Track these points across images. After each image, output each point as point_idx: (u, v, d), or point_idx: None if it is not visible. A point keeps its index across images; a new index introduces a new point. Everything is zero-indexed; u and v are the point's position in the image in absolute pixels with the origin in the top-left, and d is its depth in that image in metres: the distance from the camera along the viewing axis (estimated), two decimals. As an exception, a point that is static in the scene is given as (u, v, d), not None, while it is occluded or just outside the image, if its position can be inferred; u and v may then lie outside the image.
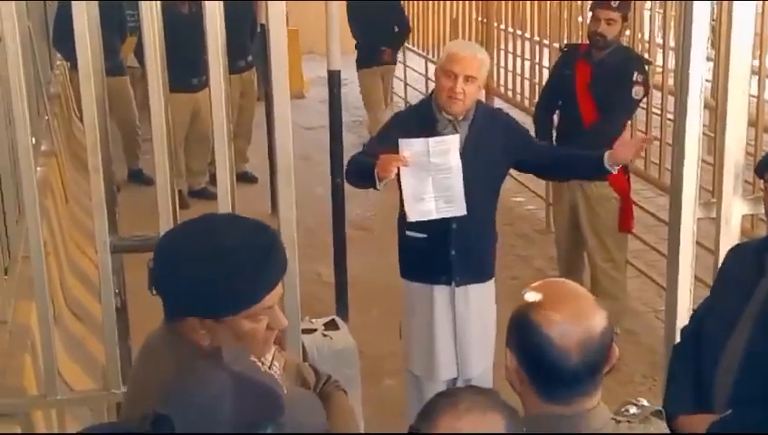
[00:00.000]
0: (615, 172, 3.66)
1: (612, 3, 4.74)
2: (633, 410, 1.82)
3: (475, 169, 3.55)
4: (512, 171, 3.92)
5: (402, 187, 3.52)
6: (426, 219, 3.53)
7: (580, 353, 1.67)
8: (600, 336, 1.69)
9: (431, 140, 3.49)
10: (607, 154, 3.54)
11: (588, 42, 4.96)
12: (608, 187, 4.82)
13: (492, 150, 3.63)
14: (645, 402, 1.86)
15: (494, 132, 3.67)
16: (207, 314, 1.76)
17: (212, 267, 1.73)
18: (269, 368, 1.97)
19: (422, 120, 3.64)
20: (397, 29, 8.56)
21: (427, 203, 3.52)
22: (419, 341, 3.79)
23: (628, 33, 6.02)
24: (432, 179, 3.49)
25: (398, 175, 3.51)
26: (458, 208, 3.53)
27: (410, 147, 3.47)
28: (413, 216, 3.53)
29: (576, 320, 1.68)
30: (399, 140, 3.48)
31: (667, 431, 1.91)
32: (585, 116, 4.82)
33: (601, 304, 1.75)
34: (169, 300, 1.80)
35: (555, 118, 5.14)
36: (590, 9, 4.99)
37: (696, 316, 2.68)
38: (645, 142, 3.80)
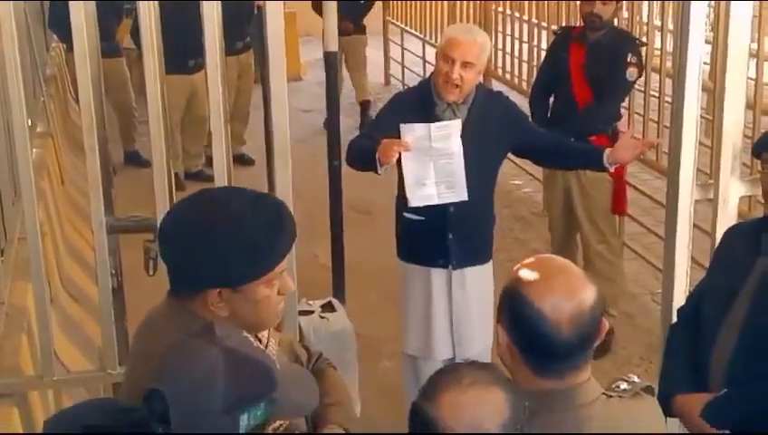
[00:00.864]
0: (612, 170, 3.65)
1: None
2: (624, 385, 1.83)
3: (473, 152, 3.53)
4: (510, 155, 3.91)
5: (403, 172, 3.50)
6: (427, 204, 3.53)
7: (572, 327, 1.69)
8: (590, 310, 1.71)
9: (433, 125, 3.47)
10: (607, 152, 3.52)
11: (582, 24, 4.95)
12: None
13: (490, 134, 3.61)
14: (635, 379, 1.87)
15: (494, 116, 3.65)
16: (229, 283, 1.76)
17: (230, 236, 1.74)
18: (266, 345, 1.98)
19: (421, 102, 3.62)
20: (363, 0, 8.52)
21: (429, 188, 3.50)
22: (416, 322, 3.80)
23: (626, 15, 6.02)
24: (434, 165, 3.47)
25: (399, 159, 3.49)
26: (460, 194, 3.52)
27: (412, 132, 3.45)
28: (414, 201, 3.52)
29: (567, 294, 1.70)
30: (401, 125, 3.46)
31: (658, 407, 1.92)
32: (579, 98, 4.81)
33: (591, 279, 1.76)
34: (185, 276, 1.79)
35: (551, 100, 5.11)
36: None
37: (693, 297, 2.69)
38: (646, 146, 3.77)
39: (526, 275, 1.74)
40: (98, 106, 2.79)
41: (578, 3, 5.17)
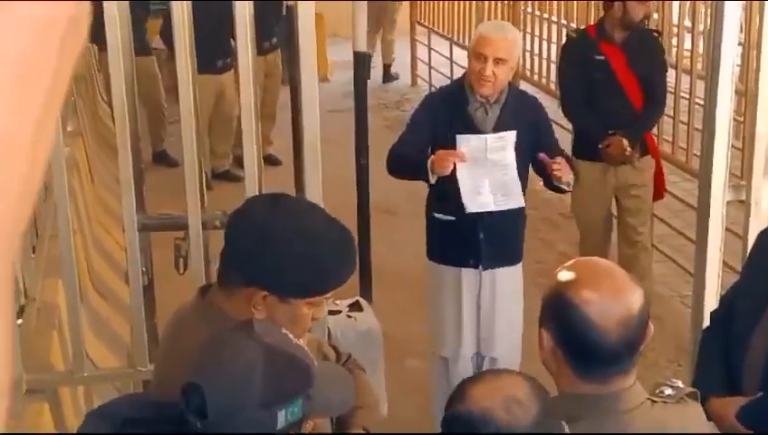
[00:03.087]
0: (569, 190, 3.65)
1: None
2: (668, 391, 1.80)
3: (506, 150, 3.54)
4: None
5: (459, 179, 3.48)
6: (483, 210, 3.52)
7: (620, 332, 1.66)
8: (638, 314, 1.68)
9: (489, 136, 3.49)
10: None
11: (594, 24, 4.94)
12: (650, 159, 4.85)
13: (521, 135, 3.61)
14: (680, 384, 1.85)
15: (525, 115, 3.65)
16: (282, 291, 1.79)
17: (304, 250, 1.78)
18: None
19: (454, 101, 3.63)
20: None
21: (485, 196, 3.51)
22: (445, 322, 3.80)
23: (656, 16, 5.98)
24: (489, 176, 3.49)
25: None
26: (516, 201, 3.54)
27: (468, 143, 3.47)
28: (471, 207, 3.51)
29: (615, 298, 1.67)
30: (457, 136, 3.48)
31: (703, 413, 1.91)
32: (635, 99, 4.76)
33: (637, 281, 1.75)
34: (244, 268, 1.81)
35: None
36: None
37: (726, 299, 2.66)
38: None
39: (571, 278, 1.71)
40: (130, 104, 2.80)
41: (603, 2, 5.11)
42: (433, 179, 3.49)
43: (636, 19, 4.68)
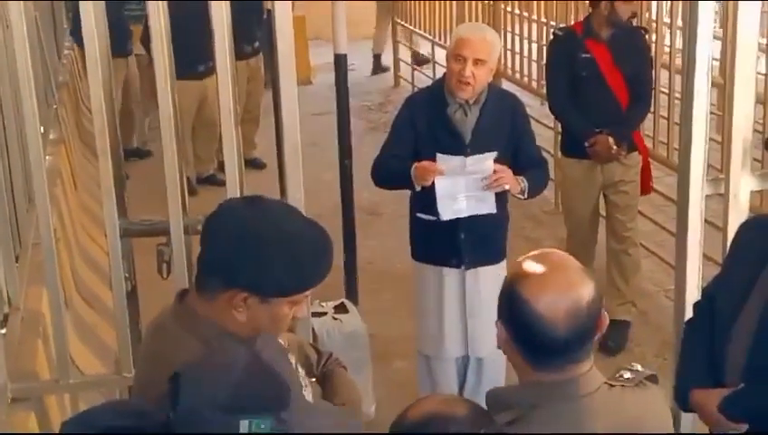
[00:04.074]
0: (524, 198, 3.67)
1: None
2: (627, 374, 1.83)
3: (484, 151, 3.55)
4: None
5: (435, 187, 3.51)
6: (456, 217, 3.56)
7: (569, 324, 1.69)
8: (587, 306, 1.71)
9: (468, 159, 3.51)
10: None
11: (580, 22, 4.97)
12: (638, 155, 4.88)
13: (502, 133, 3.64)
14: (638, 368, 1.87)
15: (504, 115, 3.67)
16: (263, 292, 1.80)
17: (283, 250, 1.79)
18: None
19: (433, 103, 3.65)
20: None
21: (460, 202, 3.54)
22: (429, 321, 3.82)
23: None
24: (465, 182, 3.52)
25: None
26: (489, 207, 3.56)
27: (447, 162, 3.49)
28: (446, 214, 3.55)
29: (563, 291, 1.70)
30: (438, 155, 3.50)
31: (662, 397, 1.91)
32: (620, 97, 4.77)
33: (589, 274, 1.76)
34: (223, 271, 1.81)
35: None
36: None
37: (708, 291, 2.68)
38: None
39: (523, 271, 1.75)
40: (109, 110, 2.80)
41: (587, 2, 5.14)
42: (418, 188, 3.54)
43: (623, 18, 4.71)
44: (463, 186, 3.51)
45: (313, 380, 2.14)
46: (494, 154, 3.52)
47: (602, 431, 1.74)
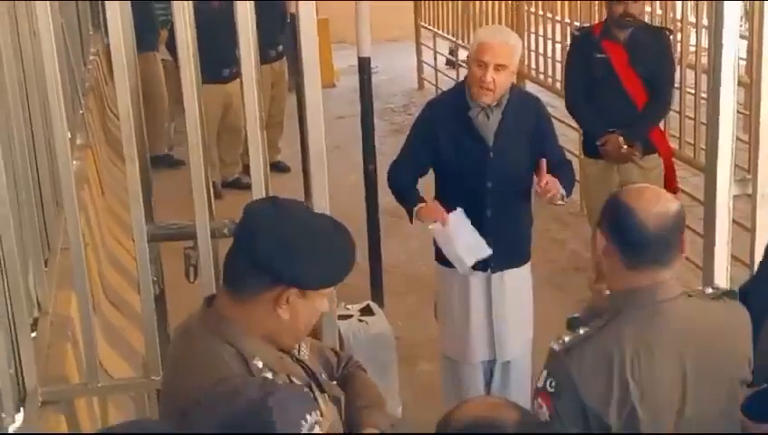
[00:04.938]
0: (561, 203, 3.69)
1: None
2: (708, 290, 2.13)
3: (507, 154, 3.56)
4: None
5: (435, 235, 3.63)
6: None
7: (657, 224, 2.05)
8: (673, 214, 2.08)
9: (473, 235, 3.58)
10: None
11: (600, 22, 4.95)
12: (657, 157, 4.84)
13: (524, 136, 3.62)
14: (720, 285, 2.23)
15: (527, 118, 3.65)
16: (308, 284, 1.88)
17: (318, 243, 1.88)
18: (298, 350, 2.02)
19: (454, 107, 3.64)
20: None
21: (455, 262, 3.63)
22: (455, 325, 3.80)
23: (659, 11, 5.98)
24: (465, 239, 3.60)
25: (438, 184, 3.72)
26: (483, 251, 3.62)
27: (457, 219, 3.56)
28: (466, 263, 3.63)
29: (655, 199, 2.10)
30: (458, 209, 3.56)
31: (742, 311, 2.20)
32: (636, 97, 4.77)
33: (677, 200, 2.18)
34: (267, 271, 1.85)
35: None
36: None
37: (742, 291, 2.66)
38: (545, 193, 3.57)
39: (625, 189, 2.20)
40: (136, 116, 2.83)
41: (605, 2, 5.14)
42: (413, 221, 3.64)
43: (638, 16, 4.71)
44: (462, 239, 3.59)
45: (334, 383, 2.15)
46: (489, 251, 3.59)
47: (680, 334, 2.05)
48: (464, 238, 3.56)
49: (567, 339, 2.05)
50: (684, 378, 2.06)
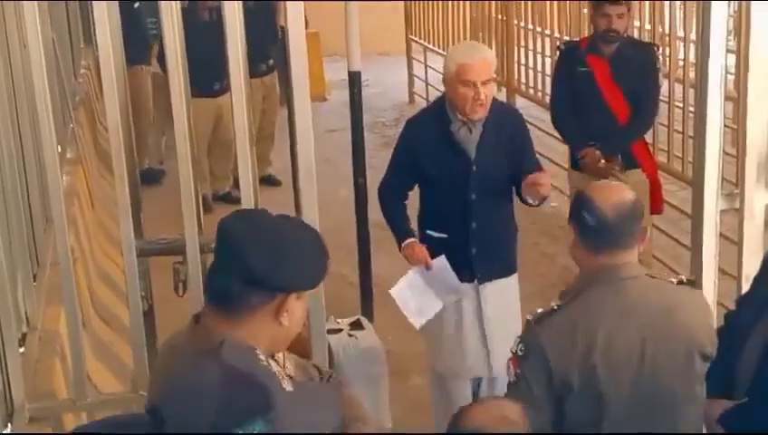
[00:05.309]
0: (536, 204, 3.70)
1: None
2: (672, 278, 2.43)
3: (490, 166, 3.61)
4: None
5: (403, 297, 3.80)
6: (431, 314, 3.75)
7: (615, 212, 2.31)
8: (629, 204, 2.34)
9: (455, 286, 3.70)
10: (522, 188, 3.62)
11: (587, 37, 4.99)
12: (640, 173, 4.85)
13: (504, 147, 3.68)
14: (683, 276, 2.41)
15: (507, 129, 3.71)
16: (305, 286, 1.91)
17: (301, 242, 1.91)
18: (283, 365, 2.01)
19: (436, 121, 3.68)
20: None
21: (429, 309, 3.76)
22: (446, 340, 3.81)
23: (648, 26, 6.02)
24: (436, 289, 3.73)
25: (423, 189, 3.79)
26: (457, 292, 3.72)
27: (443, 266, 3.69)
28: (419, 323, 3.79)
29: (613, 191, 2.38)
30: (443, 259, 3.66)
31: (702, 297, 2.46)
32: (619, 112, 4.79)
33: (633, 191, 2.41)
34: (263, 283, 1.85)
35: None
36: (595, 6, 4.89)
37: (737, 302, 2.68)
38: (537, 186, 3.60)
39: (588, 187, 2.45)
40: (126, 131, 2.83)
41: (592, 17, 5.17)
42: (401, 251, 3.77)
43: (622, 32, 4.75)
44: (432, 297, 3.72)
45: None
46: (438, 308, 3.76)
47: (640, 305, 2.30)
48: (422, 297, 3.75)
49: (539, 311, 2.35)
50: (642, 343, 2.28)
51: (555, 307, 2.33)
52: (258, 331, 1.87)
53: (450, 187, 3.63)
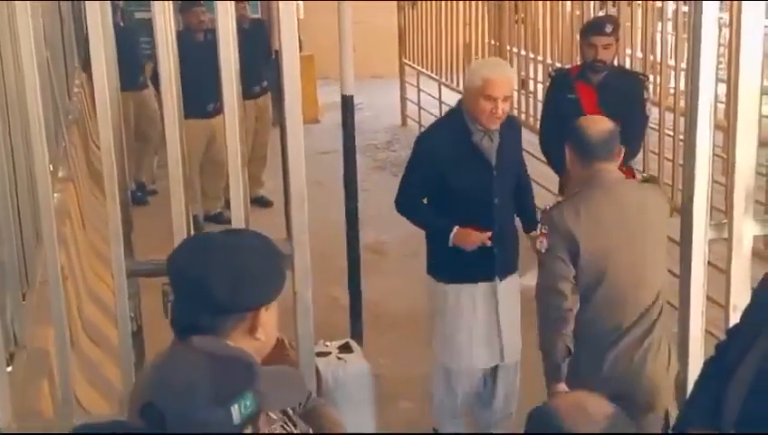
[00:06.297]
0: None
1: (606, 29, 4.82)
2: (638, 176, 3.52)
3: (507, 171, 3.88)
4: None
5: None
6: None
7: (599, 135, 3.20)
8: (610, 129, 3.24)
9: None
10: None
11: (578, 65, 5.03)
12: None
13: (516, 153, 4.00)
14: (644, 174, 3.15)
15: (514, 136, 3.99)
16: (271, 297, 1.89)
17: (261, 260, 1.88)
18: None
19: (456, 133, 3.83)
20: None
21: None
22: (460, 336, 3.95)
23: (640, 54, 6.06)
24: None
25: (451, 202, 3.85)
26: None
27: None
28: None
29: (596, 121, 3.35)
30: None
31: (661, 192, 3.43)
32: None
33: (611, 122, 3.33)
34: (233, 305, 1.84)
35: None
36: (582, 36, 5.00)
37: (729, 332, 2.69)
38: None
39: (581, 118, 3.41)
40: (118, 152, 2.84)
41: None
42: (450, 244, 3.80)
43: (605, 60, 4.81)
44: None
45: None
46: None
47: (622, 200, 3.16)
48: None
49: (551, 203, 3.30)
50: (626, 220, 3.15)
51: (561, 200, 3.36)
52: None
53: (475, 194, 3.81)
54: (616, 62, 5.35)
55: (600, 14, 6.20)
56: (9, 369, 3.05)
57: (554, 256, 3.15)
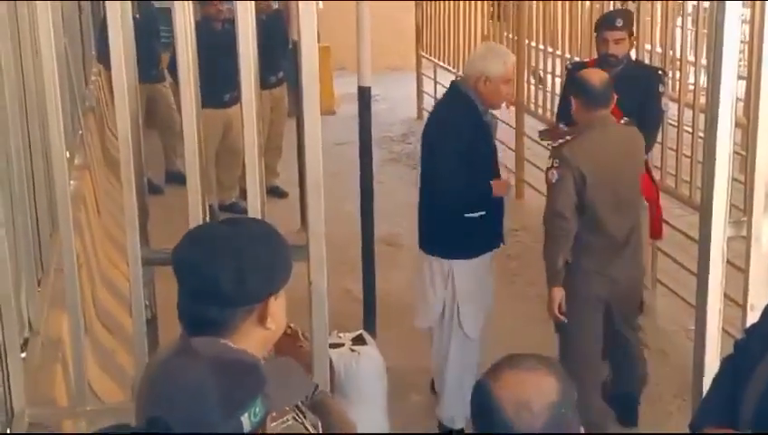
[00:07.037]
0: None
1: (617, 23, 4.80)
2: (624, 119, 4.32)
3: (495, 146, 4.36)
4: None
5: None
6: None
7: (600, 85, 4.01)
8: (608, 79, 4.08)
9: None
10: None
11: (594, 59, 5.02)
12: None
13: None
14: (625, 119, 4.32)
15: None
16: (279, 285, 1.87)
17: (266, 248, 1.86)
18: None
19: (474, 116, 4.16)
20: None
21: None
22: (479, 304, 4.34)
23: (659, 50, 6.01)
24: None
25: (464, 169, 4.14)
26: None
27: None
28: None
29: (596, 72, 4.17)
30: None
31: (638, 131, 4.27)
32: None
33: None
34: (241, 297, 1.81)
35: None
36: (596, 30, 5.03)
37: (748, 330, 2.66)
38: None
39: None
40: (135, 139, 2.83)
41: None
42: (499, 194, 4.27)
43: (618, 55, 4.80)
44: None
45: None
46: None
47: (615, 140, 4.10)
48: None
49: (560, 141, 4.03)
50: (620, 157, 4.06)
51: (569, 138, 4.03)
52: (247, 340, 1.83)
53: (490, 167, 4.25)
54: (634, 57, 5.33)
55: (618, 6, 6.15)
56: (23, 355, 3.06)
57: (562, 186, 3.89)
